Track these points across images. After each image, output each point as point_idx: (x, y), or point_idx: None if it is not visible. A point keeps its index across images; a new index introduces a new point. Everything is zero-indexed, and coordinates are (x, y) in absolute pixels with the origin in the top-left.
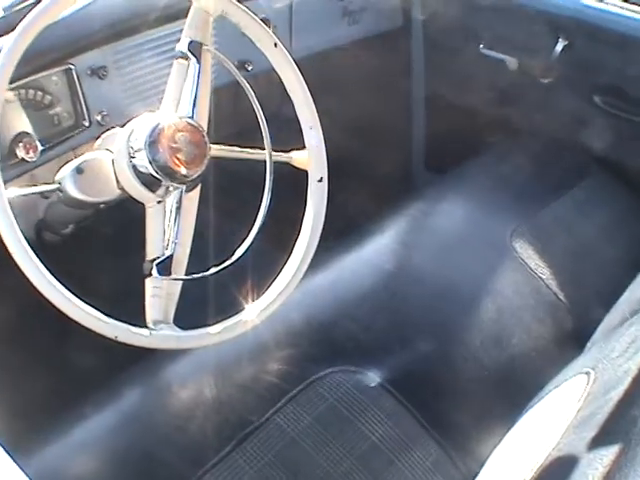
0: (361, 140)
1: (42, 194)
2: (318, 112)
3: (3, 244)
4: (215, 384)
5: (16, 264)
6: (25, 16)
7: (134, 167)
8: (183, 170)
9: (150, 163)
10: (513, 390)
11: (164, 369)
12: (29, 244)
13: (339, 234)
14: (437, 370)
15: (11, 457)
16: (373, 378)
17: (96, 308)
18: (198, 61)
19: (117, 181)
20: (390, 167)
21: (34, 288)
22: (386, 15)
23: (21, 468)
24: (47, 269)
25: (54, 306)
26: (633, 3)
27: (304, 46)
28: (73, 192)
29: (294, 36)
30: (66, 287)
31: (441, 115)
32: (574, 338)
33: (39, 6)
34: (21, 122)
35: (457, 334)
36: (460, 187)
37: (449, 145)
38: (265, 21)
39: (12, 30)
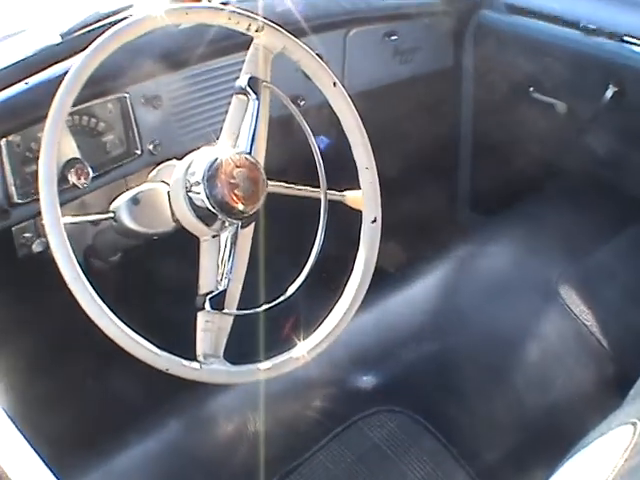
0: (407, 179)
1: (94, 221)
2: None
3: (56, 268)
4: (259, 418)
5: (67, 289)
6: (87, 42)
7: (190, 200)
8: (240, 206)
9: (207, 197)
10: (555, 436)
11: (209, 401)
12: None
13: (385, 274)
14: (479, 413)
15: None
16: (416, 419)
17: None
18: (257, 97)
19: (172, 213)
20: (436, 207)
21: (83, 314)
22: (437, 55)
23: None
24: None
25: (100, 333)
26: None
27: (355, 83)
28: (128, 222)
29: (346, 72)
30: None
31: (488, 156)
32: (618, 385)
33: (110, 31)
34: (73, 148)
35: (500, 377)
36: (506, 229)
37: (495, 187)
38: (319, 56)
39: (69, 57)
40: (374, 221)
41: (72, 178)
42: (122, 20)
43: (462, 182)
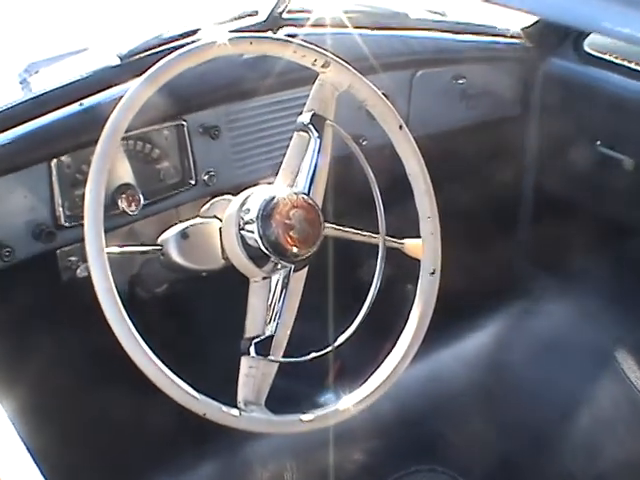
0: (464, 228)
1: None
2: None
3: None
4: (296, 468)
5: (106, 323)
6: (146, 66)
7: (242, 239)
8: (294, 249)
9: (260, 237)
10: None
11: (245, 446)
12: (122, 299)
13: (437, 326)
14: (525, 476)
15: None
16: None
17: (179, 376)
18: (319, 136)
19: (223, 251)
20: (494, 259)
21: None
22: (504, 102)
23: None
24: (138, 332)
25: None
26: None
27: (419, 125)
28: (175, 256)
29: (411, 114)
30: (154, 351)
31: (550, 209)
32: None
33: (169, 57)
34: (126, 173)
35: (548, 440)
36: (565, 288)
37: (556, 241)
38: (385, 96)
39: (127, 80)
40: (433, 273)
41: (122, 204)
42: (183, 46)
43: (522, 234)
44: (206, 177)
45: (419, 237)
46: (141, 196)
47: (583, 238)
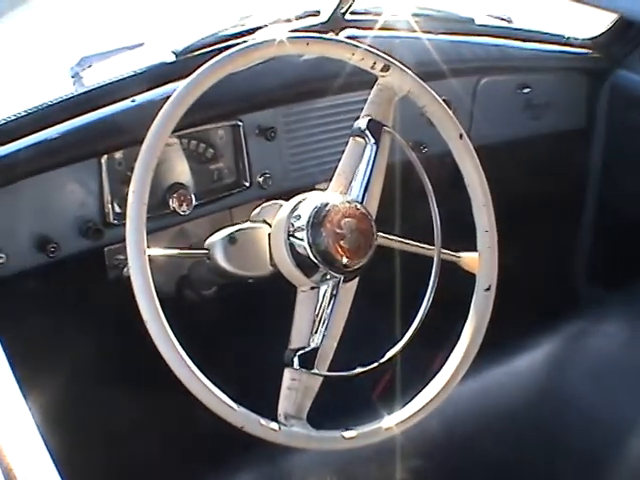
0: (523, 243)
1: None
2: None
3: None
4: None
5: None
6: (201, 64)
7: (291, 246)
8: (344, 259)
9: (310, 245)
10: None
11: (285, 458)
12: (168, 299)
13: (490, 342)
14: None
15: None
16: None
17: (217, 385)
18: (376, 142)
19: (271, 257)
20: (551, 275)
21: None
22: (569, 114)
23: None
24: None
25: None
26: None
27: (481, 135)
28: (222, 262)
29: (474, 123)
30: (191, 358)
31: (612, 225)
32: None
33: (222, 55)
34: (178, 172)
35: (602, 465)
36: (625, 308)
37: (618, 259)
38: (446, 103)
39: (181, 77)
40: (488, 289)
41: (173, 204)
42: (238, 44)
43: (582, 250)
44: (261, 179)
45: (475, 251)
46: (193, 196)
47: None
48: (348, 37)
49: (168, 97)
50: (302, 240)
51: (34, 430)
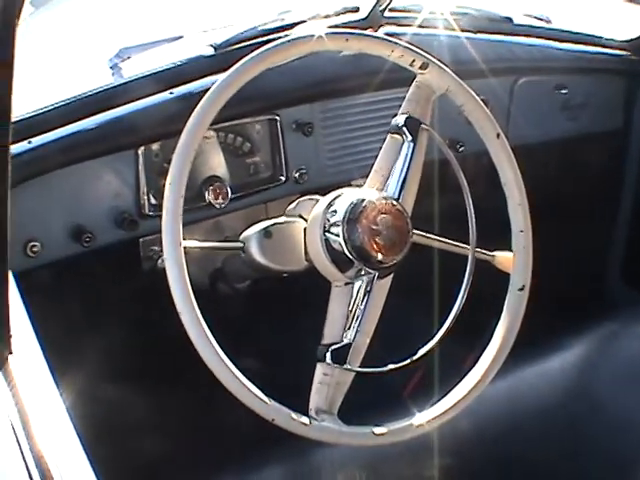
0: (557, 243)
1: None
2: None
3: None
4: (365, 479)
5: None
6: (240, 58)
7: (327, 241)
8: (379, 256)
9: (345, 241)
10: None
11: (314, 453)
12: (201, 292)
13: (522, 342)
14: None
15: None
16: None
17: (249, 378)
18: (414, 139)
19: (306, 252)
20: (585, 276)
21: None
22: (606, 115)
23: None
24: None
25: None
26: None
27: (519, 134)
28: (257, 255)
29: (511, 122)
30: (223, 351)
31: None
32: None
33: (261, 50)
34: (215, 165)
35: (630, 469)
36: None
37: None
38: (484, 102)
39: (219, 71)
40: (522, 289)
41: (209, 197)
42: (277, 39)
43: (616, 251)
44: (297, 174)
45: (510, 250)
46: (229, 189)
47: None
48: (387, 34)
49: (206, 90)
50: (338, 235)
51: (66, 416)
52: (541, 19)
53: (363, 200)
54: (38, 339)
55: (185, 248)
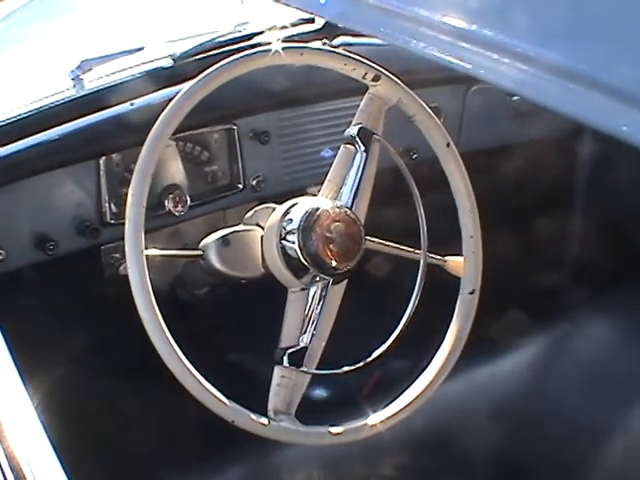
0: (509, 246)
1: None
2: None
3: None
4: (323, 479)
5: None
6: (199, 69)
7: (283, 249)
8: (333, 262)
9: (300, 249)
10: None
11: (273, 454)
12: (162, 298)
13: (474, 344)
14: None
15: None
16: None
17: (209, 381)
18: (366, 150)
19: (263, 259)
20: (537, 278)
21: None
22: (557, 121)
23: None
24: (174, 333)
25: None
26: None
27: (471, 140)
28: (215, 263)
29: (463, 129)
30: (184, 355)
31: (602, 227)
32: None
33: (221, 64)
34: (174, 174)
35: (580, 468)
36: (611, 310)
37: (604, 263)
38: (436, 110)
39: (179, 82)
40: (472, 292)
41: (169, 205)
42: (237, 50)
43: (569, 254)
44: (254, 182)
45: (461, 255)
46: (188, 197)
47: (633, 259)
48: (341, 44)
49: (166, 101)
50: (293, 243)
51: (35, 418)
52: None
53: (318, 209)
54: (5, 343)
55: (147, 256)
